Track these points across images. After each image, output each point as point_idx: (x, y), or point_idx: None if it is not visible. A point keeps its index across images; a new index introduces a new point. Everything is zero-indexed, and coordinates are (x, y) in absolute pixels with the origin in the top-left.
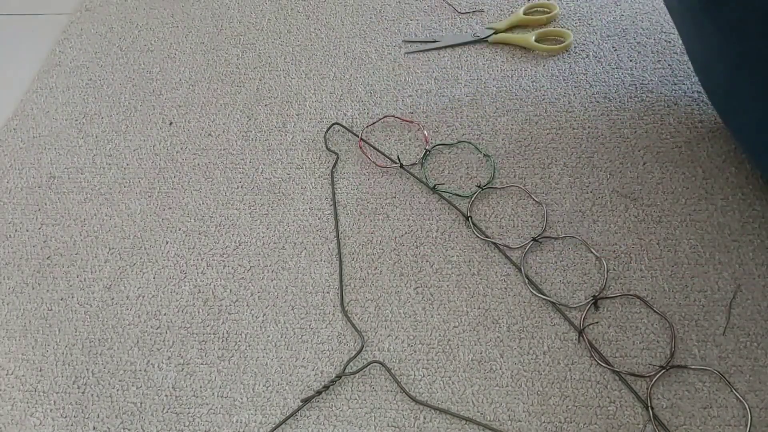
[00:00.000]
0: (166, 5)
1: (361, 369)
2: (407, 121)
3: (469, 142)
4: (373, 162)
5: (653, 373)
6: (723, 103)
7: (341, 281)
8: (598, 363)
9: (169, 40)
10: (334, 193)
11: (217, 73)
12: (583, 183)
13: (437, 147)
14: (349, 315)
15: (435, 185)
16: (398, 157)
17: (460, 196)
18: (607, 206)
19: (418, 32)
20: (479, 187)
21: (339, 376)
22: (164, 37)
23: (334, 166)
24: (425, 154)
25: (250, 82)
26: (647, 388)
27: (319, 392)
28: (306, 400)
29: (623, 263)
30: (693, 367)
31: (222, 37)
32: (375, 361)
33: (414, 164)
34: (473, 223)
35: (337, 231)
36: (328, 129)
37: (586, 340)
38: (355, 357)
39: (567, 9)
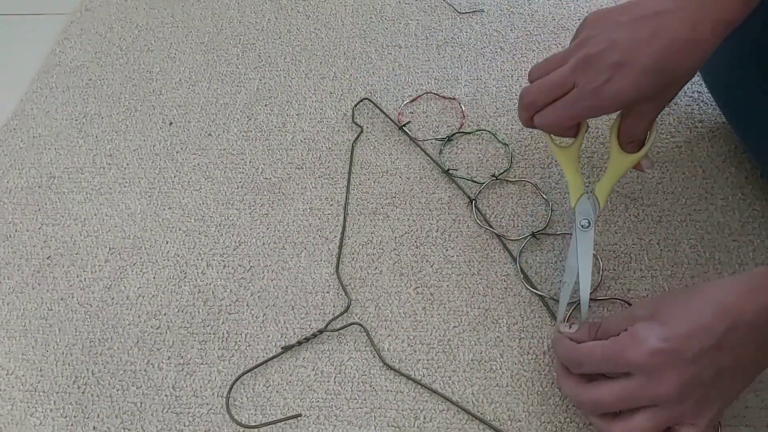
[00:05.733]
0: (166, 5)
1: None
2: (449, 98)
3: (488, 131)
4: (394, 122)
5: None
6: (725, 97)
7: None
8: None
9: (169, 40)
10: (351, 164)
11: (217, 73)
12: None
13: (458, 136)
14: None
15: (448, 169)
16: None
17: (475, 182)
18: (607, 206)
19: (418, 32)
20: (494, 176)
21: (320, 331)
22: (164, 37)
23: (356, 139)
24: (446, 140)
25: (250, 82)
26: None
27: (299, 342)
28: (286, 348)
29: (623, 263)
30: None
31: (222, 37)
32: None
33: (425, 140)
34: (476, 207)
35: (346, 208)
36: (357, 103)
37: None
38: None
39: (567, 9)
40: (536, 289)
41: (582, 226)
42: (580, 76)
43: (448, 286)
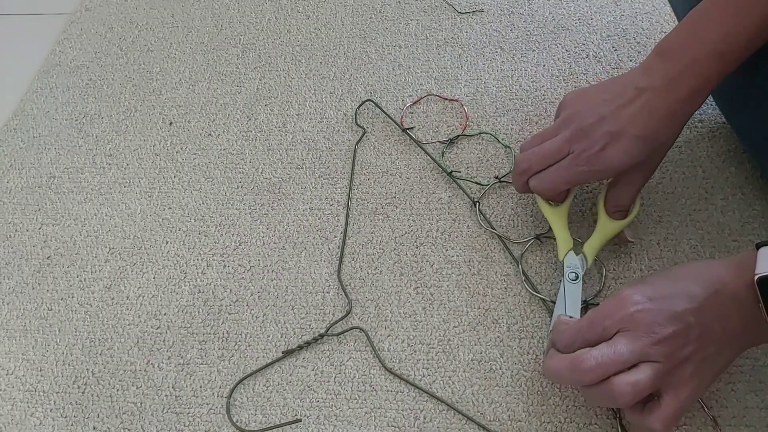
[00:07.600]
0: (166, 5)
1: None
2: (451, 99)
3: (490, 133)
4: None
5: None
6: (725, 97)
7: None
8: None
9: (169, 40)
10: (353, 166)
11: (217, 73)
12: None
13: (460, 138)
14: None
15: (451, 172)
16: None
17: (477, 183)
18: None
19: (418, 32)
20: (497, 178)
21: (321, 335)
22: (164, 37)
23: (359, 141)
24: (448, 142)
25: (250, 82)
26: None
27: (300, 347)
28: (287, 352)
29: (623, 263)
30: None
31: (222, 37)
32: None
33: (428, 143)
34: (479, 210)
35: (348, 209)
36: (360, 105)
37: None
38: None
39: (567, 9)
40: (538, 292)
41: (570, 279)
42: (575, 145)
43: (448, 286)
